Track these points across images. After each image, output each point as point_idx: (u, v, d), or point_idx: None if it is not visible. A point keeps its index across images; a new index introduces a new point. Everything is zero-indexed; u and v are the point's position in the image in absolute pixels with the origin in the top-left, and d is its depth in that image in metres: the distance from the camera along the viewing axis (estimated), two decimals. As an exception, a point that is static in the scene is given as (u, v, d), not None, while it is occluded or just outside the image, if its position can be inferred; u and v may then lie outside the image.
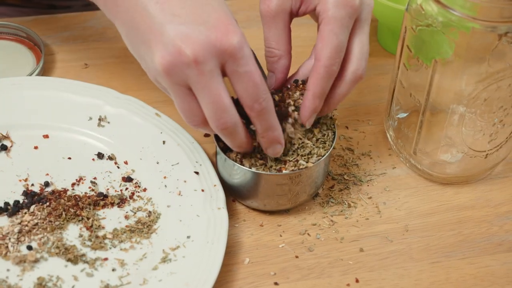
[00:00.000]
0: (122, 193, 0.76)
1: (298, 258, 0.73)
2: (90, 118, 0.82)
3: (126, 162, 0.79)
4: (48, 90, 0.84)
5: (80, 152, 0.80)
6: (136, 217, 0.74)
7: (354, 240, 0.75)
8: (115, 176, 0.78)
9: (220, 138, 0.70)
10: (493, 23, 0.68)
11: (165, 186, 0.77)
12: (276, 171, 0.72)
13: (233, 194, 0.77)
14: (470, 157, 0.78)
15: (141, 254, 0.71)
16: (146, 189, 0.77)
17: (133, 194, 0.76)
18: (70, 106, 0.83)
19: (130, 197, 0.76)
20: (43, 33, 0.95)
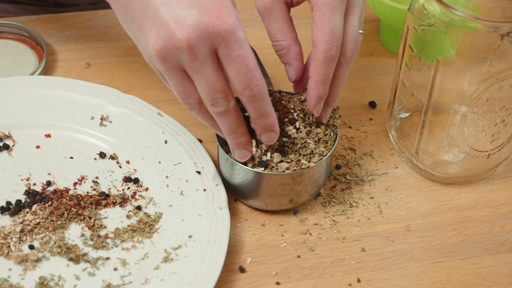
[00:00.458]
0: (124, 193, 0.76)
1: (300, 258, 0.73)
2: (92, 118, 0.82)
3: (128, 162, 0.79)
4: (50, 90, 0.84)
5: (82, 152, 0.80)
6: (138, 217, 0.74)
7: (356, 240, 0.75)
8: (117, 176, 0.78)
9: (222, 138, 0.70)
10: (496, 23, 0.67)
11: (167, 186, 0.77)
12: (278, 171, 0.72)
13: (235, 194, 0.77)
14: (472, 157, 0.77)
15: (143, 254, 0.71)
16: (148, 189, 0.77)
17: (135, 194, 0.76)
18: (72, 106, 0.83)
19: (132, 197, 0.76)
20: (46, 33, 0.96)
